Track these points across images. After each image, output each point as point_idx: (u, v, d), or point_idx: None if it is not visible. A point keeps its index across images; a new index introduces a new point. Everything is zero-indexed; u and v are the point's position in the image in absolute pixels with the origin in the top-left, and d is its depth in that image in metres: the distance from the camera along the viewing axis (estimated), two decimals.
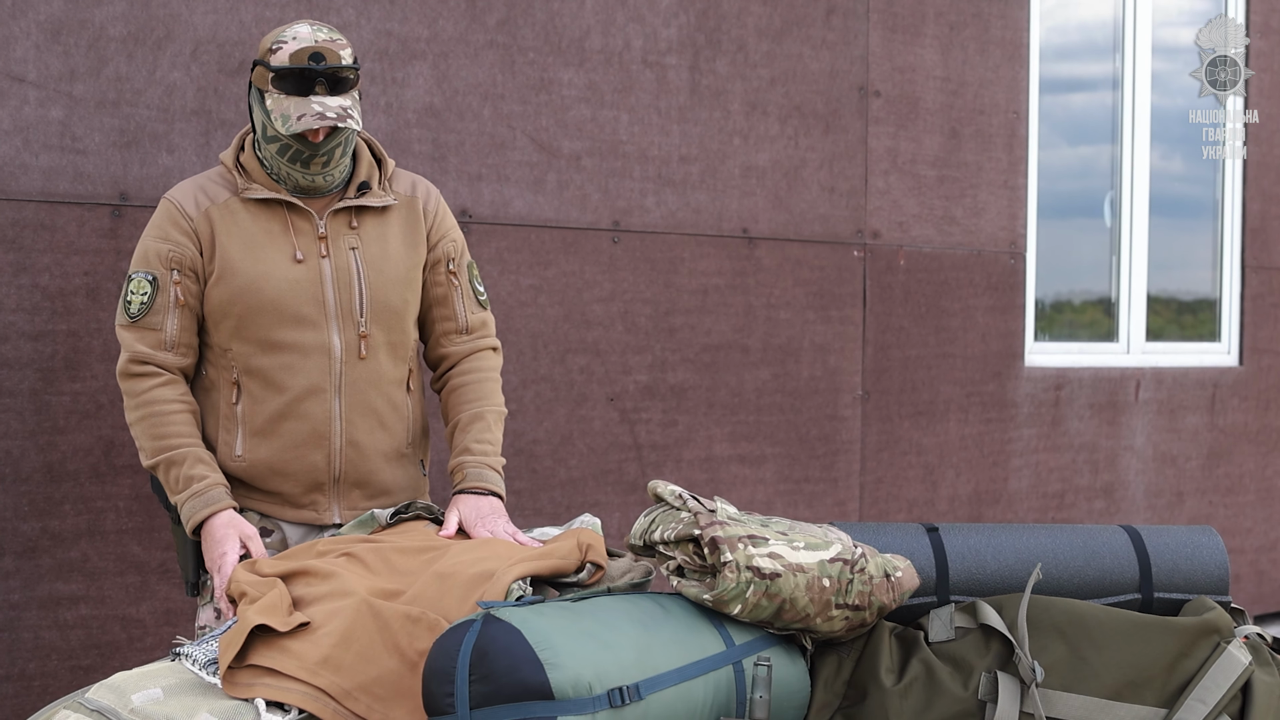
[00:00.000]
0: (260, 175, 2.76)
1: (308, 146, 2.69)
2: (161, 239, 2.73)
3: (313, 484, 2.78)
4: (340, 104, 2.66)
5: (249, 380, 2.74)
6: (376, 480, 2.83)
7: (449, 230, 2.93)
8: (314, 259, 2.75)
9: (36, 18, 3.32)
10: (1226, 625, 2.48)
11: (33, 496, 3.35)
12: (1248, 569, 5.73)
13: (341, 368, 2.75)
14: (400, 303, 2.82)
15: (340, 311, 2.75)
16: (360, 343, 2.77)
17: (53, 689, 3.37)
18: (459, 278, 2.93)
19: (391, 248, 2.82)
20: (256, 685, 2.15)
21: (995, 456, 5.00)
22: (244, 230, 2.73)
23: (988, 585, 2.60)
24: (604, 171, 4.13)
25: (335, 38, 2.71)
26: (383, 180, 2.85)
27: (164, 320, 2.71)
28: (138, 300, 2.72)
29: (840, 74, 4.58)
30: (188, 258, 2.72)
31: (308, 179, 2.73)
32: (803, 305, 4.53)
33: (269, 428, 2.74)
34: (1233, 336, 5.75)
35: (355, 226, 2.79)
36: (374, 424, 2.80)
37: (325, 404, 2.75)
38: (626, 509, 4.19)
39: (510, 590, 2.30)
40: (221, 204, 2.74)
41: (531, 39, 3.99)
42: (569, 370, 4.09)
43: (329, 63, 2.66)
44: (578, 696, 2.04)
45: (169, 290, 2.71)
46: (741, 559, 2.29)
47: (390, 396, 2.83)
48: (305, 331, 2.73)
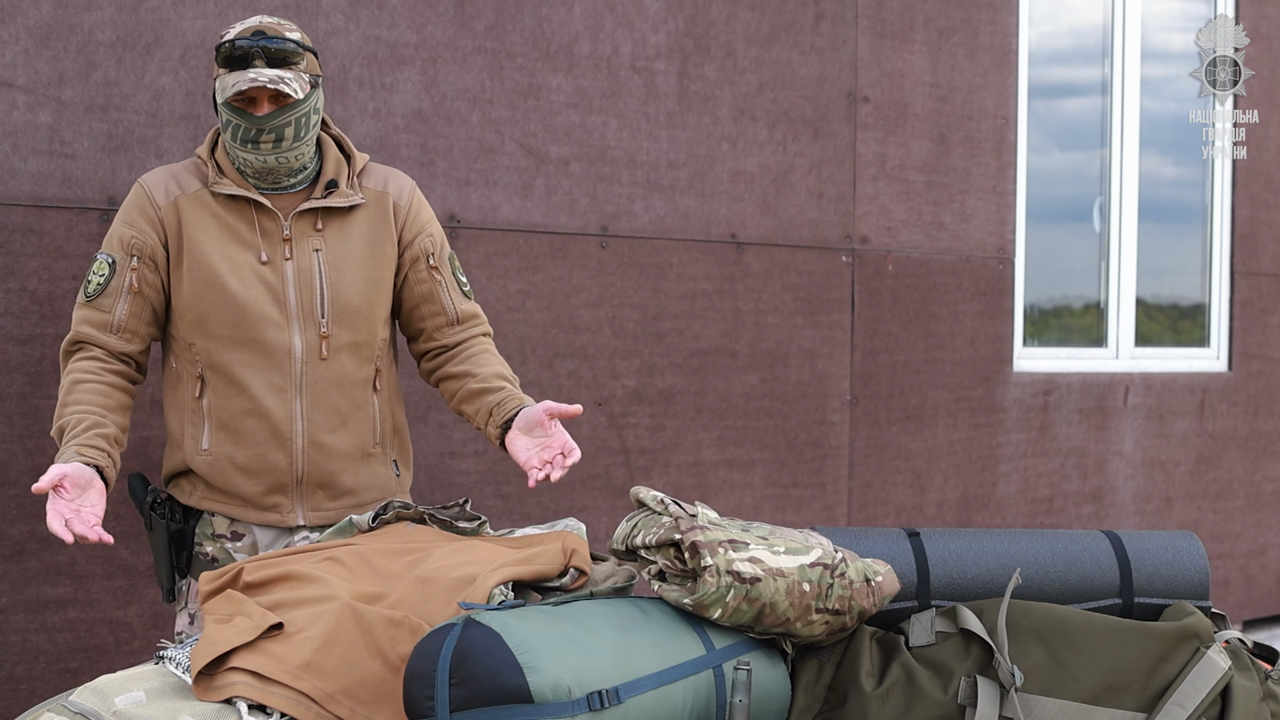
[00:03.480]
0: (231, 171, 2.78)
1: (250, 121, 2.69)
2: (127, 224, 2.76)
3: (275, 485, 2.78)
4: (276, 73, 2.68)
5: (213, 376, 2.75)
6: (340, 481, 2.83)
7: (425, 225, 2.92)
8: (278, 260, 2.76)
9: (25, 22, 3.33)
10: (1206, 630, 2.49)
11: (20, 500, 3.36)
12: (1236, 574, 5.74)
13: (302, 368, 2.76)
14: (364, 303, 2.82)
15: (302, 312, 2.76)
16: (321, 343, 2.78)
17: (40, 692, 3.38)
18: (441, 271, 2.93)
19: (355, 248, 2.82)
20: (238, 685, 2.15)
21: (984, 462, 5.02)
22: (212, 225, 2.75)
23: (969, 590, 2.60)
24: (592, 177, 4.14)
25: (284, 22, 2.75)
26: (351, 177, 2.85)
27: (114, 304, 2.73)
28: (95, 280, 2.75)
29: (829, 79, 4.60)
30: (149, 246, 2.74)
31: (260, 160, 2.73)
32: (791, 310, 4.54)
33: (233, 424, 2.76)
34: (1222, 342, 5.77)
35: (320, 228, 2.80)
36: (336, 424, 2.80)
37: (286, 404, 2.76)
38: (615, 514, 4.20)
39: (492, 595, 2.31)
40: (192, 194, 2.76)
41: (520, 44, 4.01)
42: (557, 375, 4.10)
43: (269, 36, 2.70)
44: (557, 700, 2.05)
45: (125, 275, 2.74)
46: (722, 563, 2.30)
47: (354, 397, 2.83)
48: (267, 330, 2.74)
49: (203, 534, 2.82)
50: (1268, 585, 5.87)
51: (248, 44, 2.68)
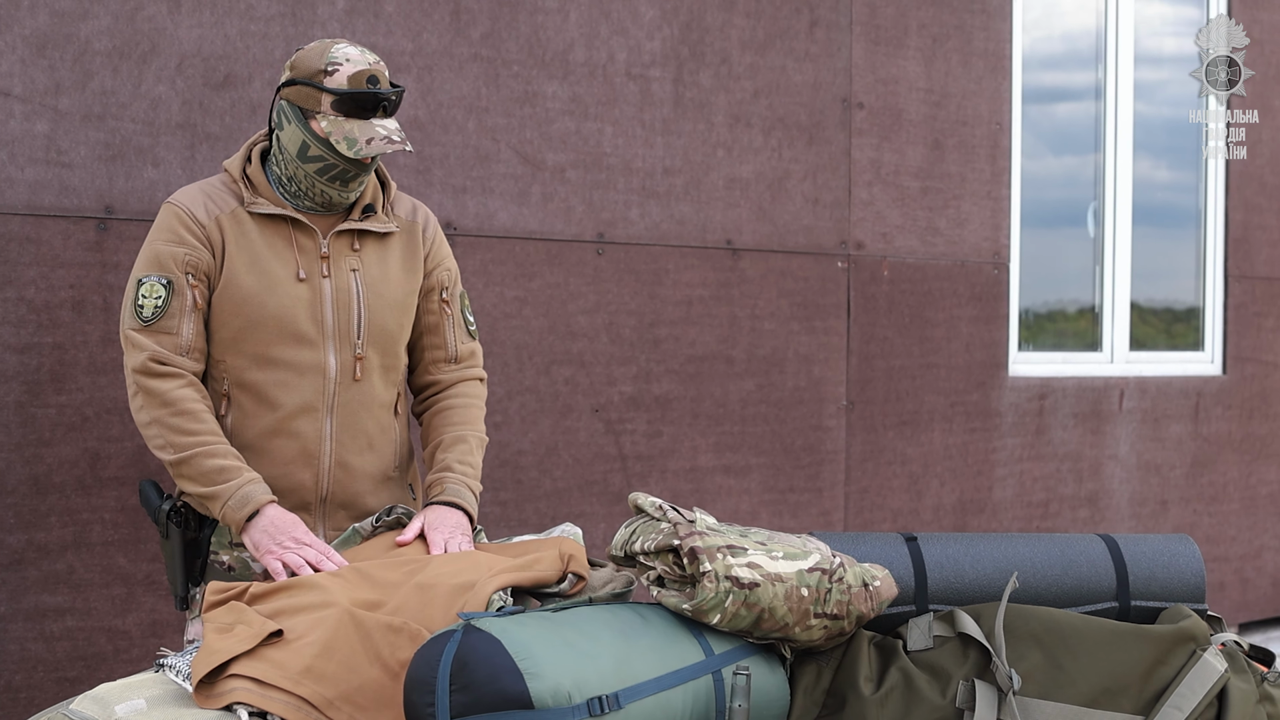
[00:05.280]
0: (266, 190, 2.76)
1: (359, 168, 2.71)
2: (175, 243, 2.69)
3: (299, 503, 2.77)
4: (397, 127, 2.71)
5: (240, 394, 2.74)
6: (362, 503, 2.83)
7: (444, 259, 2.94)
8: (316, 278, 2.75)
9: (22, 32, 3.33)
10: (1202, 633, 2.50)
11: (18, 509, 3.36)
12: (1232, 577, 5.75)
13: (335, 388, 2.76)
14: (396, 327, 2.84)
15: (338, 332, 2.76)
16: (356, 364, 2.78)
17: (39, 701, 3.38)
18: (451, 306, 2.94)
19: (391, 272, 2.83)
20: (238, 691, 2.16)
21: (980, 466, 5.03)
22: (251, 243, 2.72)
23: (966, 594, 2.61)
24: (588, 183, 4.15)
25: (379, 60, 2.75)
26: (386, 204, 2.87)
27: (179, 324, 2.68)
28: (151, 304, 2.67)
29: (824, 86, 4.61)
30: (204, 262, 2.70)
31: (343, 195, 2.75)
32: (787, 316, 4.55)
33: (258, 443, 2.74)
34: (1216, 345, 5.78)
35: (357, 249, 2.80)
36: (363, 446, 2.81)
37: (317, 423, 2.76)
38: (612, 520, 4.21)
39: (491, 601, 2.32)
40: (230, 213, 2.73)
41: (516, 52, 4.02)
42: (554, 381, 4.11)
43: (383, 86, 2.70)
44: (557, 706, 2.06)
45: (186, 294, 2.68)
46: (720, 569, 2.31)
47: (379, 419, 2.84)
48: (303, 350, 2.73)
49: (219, 543, 2.80)
50: (1263, 588, 5.88)
51: (371, 93, 2.67)
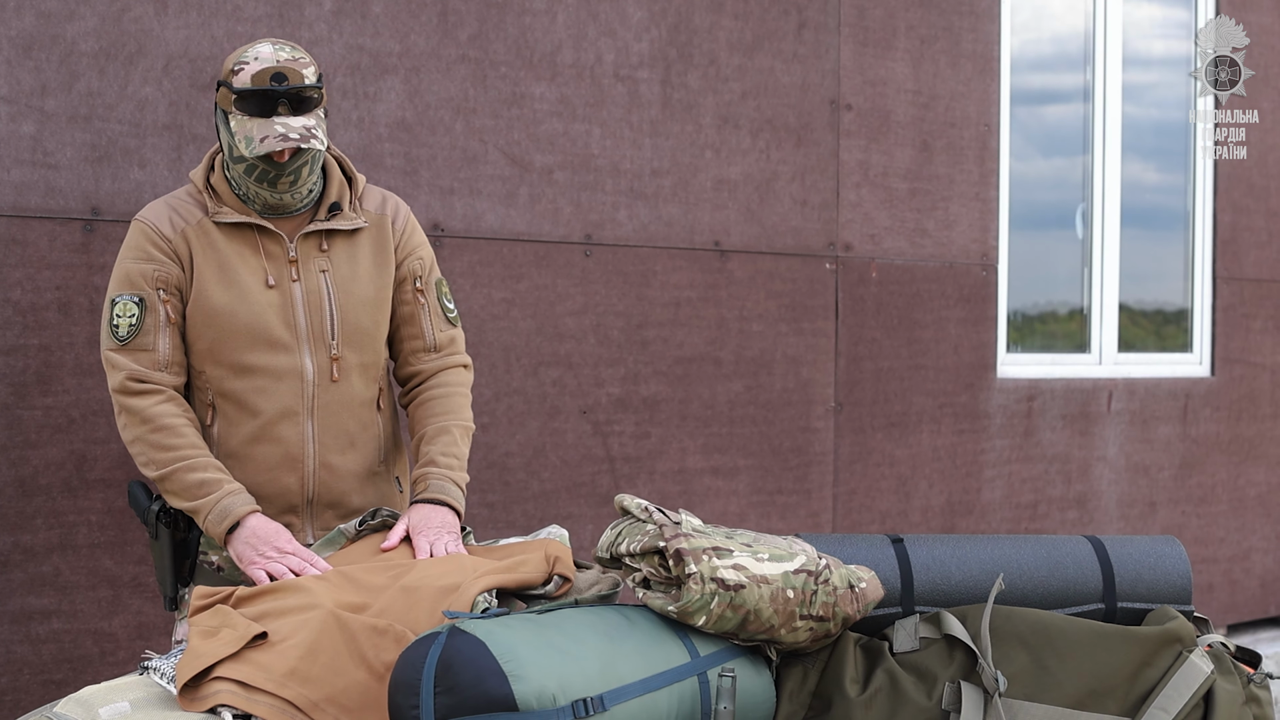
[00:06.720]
0: (230, 197, 2.76)
1: (273, 166, 2.68)
2: (144, 259, 2.71)
3: (286, 506, 2.78)
4: (304, 124, 2.66)
5: (223, 403, 2.74)
6: (349, 501, 2.83)
7: (416, 247, 2.92)
8: (285, 283, 2.75)
9: (7, 33, 3.32)
10: (1189, 634, 2.51)
11: (4, 511, 3.35)
12: (1220, 578, 5.76)
13: (314, 391, 2.76)
14: (371, 324, 2.83)
15: (312, 335, 2.76)
16: (332, 366, 2.77)
17: (24, 703, 3.37)
18: (426, 295, 2.93)
19: (361, 269, 2.82)
20: (222, 694, 2.15)
21: (968, 468, 5.03)
22: (218, 253, 2.72)
23: (952, 596, 2.61)
24: (576, 185, 4.15)
25: (298, 56, 2.71)
26: (353, 200, 2.85)
27: (155, 340, 2.69)
28: (125, 323, 2.69)
29: (812, 87, 4.61)
30: (173, 276, 2.71)
31: (275, 197, 2.73)
32: (775, 318, 4.55)
33: (242, 451, 2.74)
34: (1204, 347, 5.79)
35: (325, 249, 2.79)
36: (345, 445, 2.81)
37: (298, 427, 2.76)
38: (599, 521, 4.21)
39: (476, 603, 2.32)
40: (195, 224, 2.74)
41: (503, 53, 4.01)
42: (541, 383, 4.11)
43: (291, 83, 2.66)
44: (542, 708, 2.05)
45: (158, 310, 2.70)
46: (706, 571, 2.31)
47: (361, 417, 2.83)
48: (278, 355, 2.73)
49: (208, 543, 2.80)
50: (1251, 589, 5.89)
51: (270, 90, 2.64)
